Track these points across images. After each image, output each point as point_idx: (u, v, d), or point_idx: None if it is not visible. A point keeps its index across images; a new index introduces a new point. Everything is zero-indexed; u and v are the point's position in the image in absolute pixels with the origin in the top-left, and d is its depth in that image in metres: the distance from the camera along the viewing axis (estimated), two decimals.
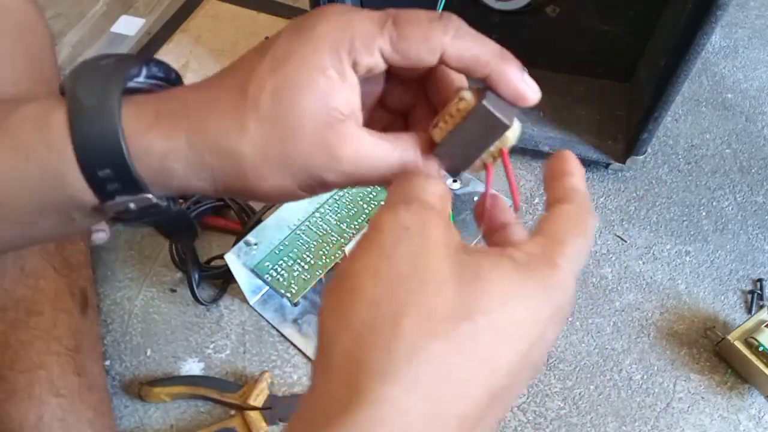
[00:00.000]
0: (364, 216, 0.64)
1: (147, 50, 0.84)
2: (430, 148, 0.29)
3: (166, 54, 0.84)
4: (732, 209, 0.70)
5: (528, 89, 0.28)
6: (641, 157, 0.69)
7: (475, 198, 0.68)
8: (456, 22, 0.27)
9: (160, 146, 0.26)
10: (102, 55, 0.28)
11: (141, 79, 0.29)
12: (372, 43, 0.26)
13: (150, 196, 0.27)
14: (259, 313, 0.62)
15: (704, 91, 0.81)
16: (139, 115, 0.27)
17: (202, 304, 0.62)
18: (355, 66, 0.26)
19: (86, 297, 0.54)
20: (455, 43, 0.27)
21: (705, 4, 0.51)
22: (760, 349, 0.56)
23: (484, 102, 0.27)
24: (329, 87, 0.26)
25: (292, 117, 0.26)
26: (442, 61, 0.27)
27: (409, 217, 0.24)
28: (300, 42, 0.26)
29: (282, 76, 0.26)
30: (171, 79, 0.30)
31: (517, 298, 0.23)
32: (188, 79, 0.81)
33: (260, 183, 0.27)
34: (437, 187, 0.26)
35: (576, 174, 0.28)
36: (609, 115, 0.73)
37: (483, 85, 0.28)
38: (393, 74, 0.31)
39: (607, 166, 0.71)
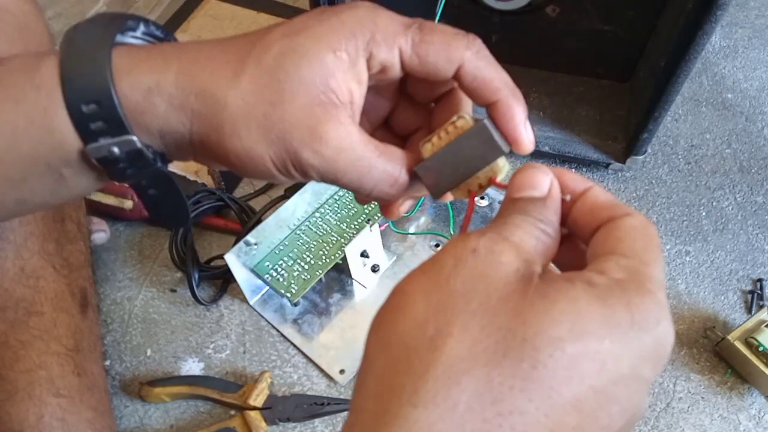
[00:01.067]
0: (364, 216, 0.64)
1: None
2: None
3: None
4: (732, 209, 0.70)
5: (527, 135, 0.27)
6: (641, 157, 0.69)
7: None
8: (480, 43, 0.27)
9: (147, 80, 0.26)
10: (101, 13, 0.28)
11: (138, 34, 0.28)
12: (393, 40, 0.26)
13: (134, 138, 0.26)
14: (259, 313, 0.62)
15: (704, 91, 0.81)
16: (130, 53, 0.27)
17: (202, 304, 0.62)
18: (370, 60, 0.26)
19: (86, 297, 0.54)
20: (474, 60, 0.26)
21: (705, 4, 0.51)
22: (760, 349, 0.56)
23: (485, 121, 0.26)
24: (335, 67, 0.26)
25: (287, 83, 0.25)
26: (456, 76, 0.27)
27: (481, 241, 0.21)
28: (320, 21, 0.26)
29: (290, 43, 0.26)
30: (169, 40, 0.30)
31: (595, 331, 0.19)
32: None
33: (233, 141, 0.26)
34: (527, 234, 0.22)
35: (592, 184, 0.25)
36: (609, 115, 0.73)
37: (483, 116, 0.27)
38: (404, 95, 0.31)
39: (607, 166, 0.71)
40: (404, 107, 0.31)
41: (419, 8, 0.74)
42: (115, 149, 0.26)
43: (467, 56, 0.26)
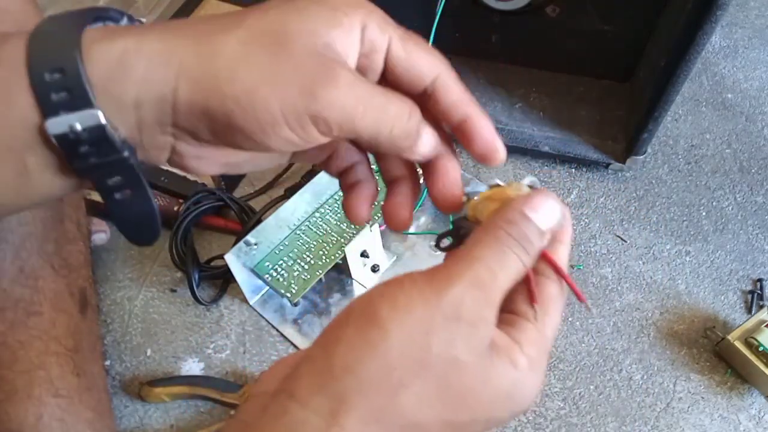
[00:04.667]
0: None
1: None
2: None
3: None
4: (732, 209, 0.70)
5: (500, 145, 0.28)
6: (641, 157, 0.69)
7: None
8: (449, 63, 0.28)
9: (124, 42, 0.24)
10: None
11: (123, 23, 0.27)
12: (386, 26, 0.26)
13: (98, 112, 0.23)
14: (259, 313, 0.62)
15: (704, 91, 0.81)
16: (104, 28, 0.25)
17: (202, 304, 0.62)
18: (363, 35, 0.26)
19: (85, 297, 0.54)
20: (449, 73, 0.27)
21: (705, 4, 0.51)
22: (760, 349, 0.56)
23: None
24: (334, 24, 0.25)
25: (290, 31, 0.24)
26: (433, 88, 0.27)
27: (466, 305, 0.25)
28: None
29: (290, 5, 0.25)
30: None
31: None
32: None
33: (233, 85, 0.24)
34: (509, 280, 0.26)
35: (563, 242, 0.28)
36: (609, 115, 0.73)
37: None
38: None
39: (607, 166, 0.71)
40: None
41: (419, 8, 0.74)
42: (77, 125, 0.24)
43: (444, 68, 0.27)
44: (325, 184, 0.64)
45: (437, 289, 0.24)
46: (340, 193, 0.65)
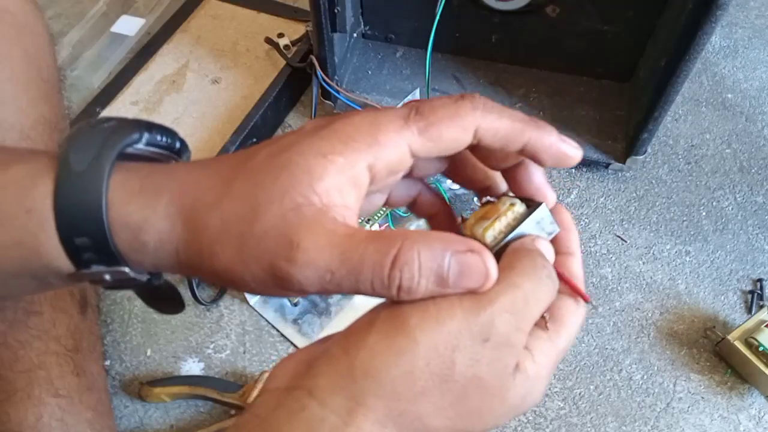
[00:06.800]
0: (363, 215, 0.63)
1: (147, 50, 0.84)
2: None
3: (166, 54, 0.84)
4: (732, 209, 0.70)
5: (569, 147, 0.27)
6: (641, 157, 0.69)
7: (475, 198, 0.68)
8: (481, 98, 0.26)
9: (137, 217, 0.26)
10: (104, 118, 0.28)
11: (141, 146, 0.28)
12: (398, 137, 0.25)
13: (126, 269, 0.27)
14: (259, 313, 0.62)
15: (704, 91, 0.81)
16: (125, 184, 0.26)
17: (202, 304, 0.62)
18: (375, 166, 0.25)
19: (85, 297, 0.54)
20: (487, 117, 0.26)
21: (705, 4, 0.51)
22: (760, 349, 0.56)
23: (543, 205, 0.27)
24: (323, 171, 0.24)
25: (263, 197, 0.24)
26: (478, 139, 0.26)
27: (529, 362, 0.26)
28: (309, 136, 0.25)
29: (274, 161, 0.25)
30: (174, 147, 0.29)
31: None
32: (188, 78, 0.81)
33: (213, 261, 0.25)
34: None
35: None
36: (609, 115, 0.73)
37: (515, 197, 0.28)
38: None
39: (607, 166, 0.71)
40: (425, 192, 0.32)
41: (419, 8, 0.74)
42: (107, 276, 0.27)
43: (478, 116, 0.26)
44: None
45: (470, 307, 0.24)
46: None
